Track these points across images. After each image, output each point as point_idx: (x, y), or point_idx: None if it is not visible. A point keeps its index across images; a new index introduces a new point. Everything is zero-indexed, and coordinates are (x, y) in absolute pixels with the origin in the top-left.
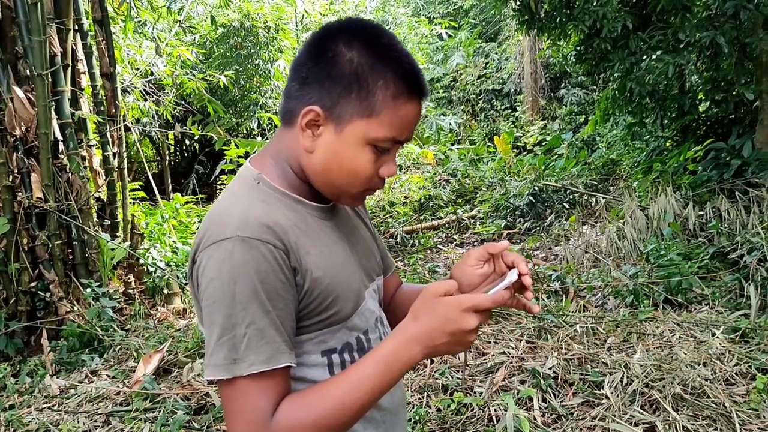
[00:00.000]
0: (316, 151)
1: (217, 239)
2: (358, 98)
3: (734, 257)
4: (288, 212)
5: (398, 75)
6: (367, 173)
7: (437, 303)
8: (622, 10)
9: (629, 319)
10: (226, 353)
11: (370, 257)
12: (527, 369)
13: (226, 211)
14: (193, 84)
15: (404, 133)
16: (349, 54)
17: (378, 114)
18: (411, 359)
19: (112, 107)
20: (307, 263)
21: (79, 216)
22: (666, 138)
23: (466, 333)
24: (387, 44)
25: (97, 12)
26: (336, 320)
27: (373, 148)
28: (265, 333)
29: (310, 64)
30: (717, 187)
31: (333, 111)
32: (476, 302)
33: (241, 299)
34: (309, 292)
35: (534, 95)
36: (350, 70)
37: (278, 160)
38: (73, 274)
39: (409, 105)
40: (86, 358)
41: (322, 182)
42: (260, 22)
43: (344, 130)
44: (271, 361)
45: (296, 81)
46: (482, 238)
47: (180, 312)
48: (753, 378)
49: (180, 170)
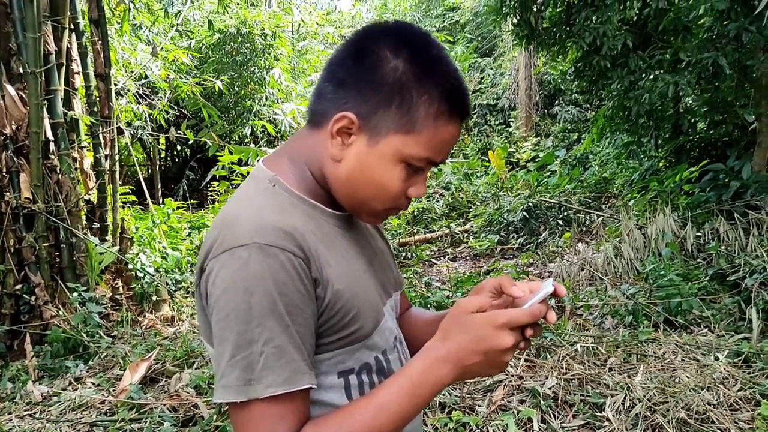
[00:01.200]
0: (343, 160)
1: (231, 246)
2: (399, 111)
3: (734, 279)
4: (304, 218)
5: (444, 92)
6: (395, 191)
7: (468, 320)
8: (622, 28)
9: (629, 340)
10: (239, 373)
11: (387, 271)
12: (526, 388)
13: (240, 215)
14: (188, 88)
15: (441, 154)
16: (394, 61)
17: (418, 131)
18: (440, 381)
19: (106, 109)
20: (328, 274)
21: (68, 218)
22: (659, 158)
23: (501, 352)
24: (436, 56)
25: (94, 11)
26: (356, 338)
27: (405, 166)
28: (284, 351)
29: (349, 65)
30: (716, 208)
31: (369, 121)
32: (511, 318)
33: (258, 313)
34: (329, 307)
35: (528, 111)
36: (394, 79)
37: (296, 162)
38: (59, 277)
39: (450, 126)
40: (70, 364)
41: (345, 195)
42: (257, 29)
43: (378, 143)
44: (291, 382)
45: (331, 81)
46: (475, 253)
47: (168, 319)
48: (758, 404)
49: (170, 175)
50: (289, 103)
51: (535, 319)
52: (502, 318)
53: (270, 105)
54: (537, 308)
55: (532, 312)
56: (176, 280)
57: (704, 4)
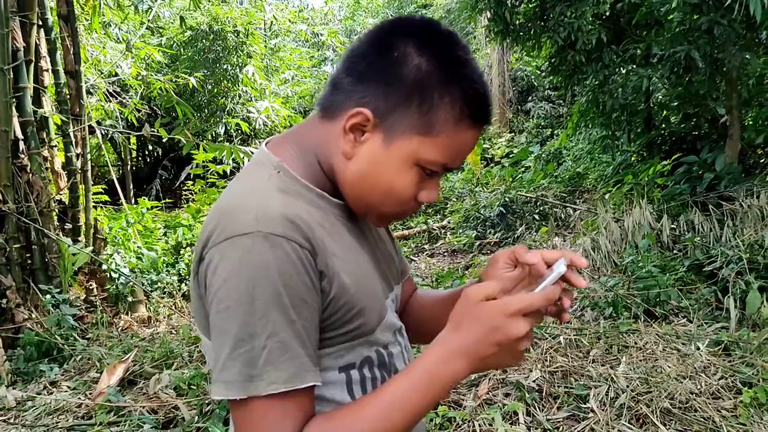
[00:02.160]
0: (355, 158)
1: (233, 234)
2: (419, 112)
3: (710, 270)
4: (310, 208)
5: (468, 97)
6: (406, 195)
7: (479, 309)
8: (596, 23)
9: (610, 331)
10: (240, 368)
11: (390, 263)
12: (511, 382)
13: (243, 201)
14: (161, 85)
15: (457, 161)
16: (418, 59)
17: (436, 135)
18: (455, 376)
19: (76, 106)
20: (334, 267)
21: (40, 219)
22: (632, 152)
23: (517, 341)
24: (462, 59)
25: (63, 7)
26: (359, 334)
27: (420, 169)
28: (288, 346)
29: (371, 59)
30: (690, 200)
31: (386, 119)
32: (524, 304)
33: (261, 305)
34: (334, 301)
35: (502, 108)
36: (416, 78)
37: (304, 149)
38: (31, 279)
39: (470, 132)
40: (45, 368)
41: (353, 194)
42: (229, 26)
43: (393, 144)
44: (295, 379)
45: (350, 74)
46: (453, 249)
47: (145, 320)
48: (739, 392)
49: (142, 175)
50: (262, 101)
51: (549, 302)
52: (514, 305)
53: (244, 103)
54: (550, 290)
55: (545, 295)
56: (152, 281)
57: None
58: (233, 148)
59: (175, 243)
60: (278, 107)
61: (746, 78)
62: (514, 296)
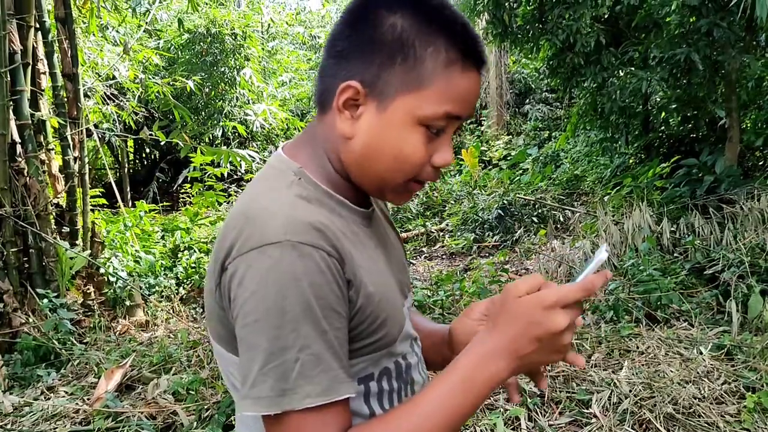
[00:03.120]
0: (355, 136)
1: (260, 243)
2: (404, 69)
3: (711, 273)
4: (332, 216)
5: (452, 40)
6: (416, 159)
7: (516, 305)
8: (595, 25)
9: (612, 335)
10: (273, 383)
11: (403, 270)
12: None
13: (268, 208)
14: (158, 88)
15: (462, 107)
16: (391, 18)
17: (428, 86)
18: (495, 377)
19: (74, 109)
20: (360, 275)
21: (37, 222)
22: (629, 155)
23: (557, 336)
24: (436, 5)
25: (60, 9)
26: (382, 345)
27: (424, 129)
28: (321, 358)
29: (346, 34)
30: (690, 203)
31: (375, 86)
32: (561, 296)
33: (292, 318)
34: (361, 310)
35: (499, 110)
36: (393, 37)
37: (316, 151)
38: (28, 283)
39: (465, 75)
40: (42, 373)
41: (363, 174)
42: (227, 29)
43: (388, 108)
44: (330, 392)
45: (331, 56)
46: (451, 251)
47: (143, 324)
48: (742, 397)
49: (139, 178)
50: (260, 104)
51: (589, 293)
52: (551, 297)
53: (241, 106)
54: (590, 281)
55: (584, 286)
56: (150, 284)
57: (676, 0)
58: (231, 152)
59: (173, 246)
60: (276, 110)
61: (745, 81)
62: (551, 289)
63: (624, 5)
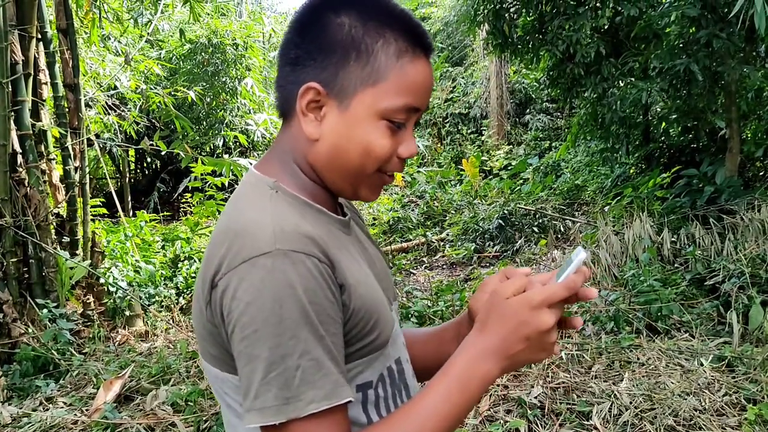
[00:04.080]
0: (322, 137)
1: (251, 255)
2: (359, 64)
3: (711, 284)
4: (316, 223)
5: (398, 30)
6: (383, 152)
7: (504, 306)
8: (595, 36)
9: (612, 347)
10: (276, 392)
11: (387, 277)
12: (513, 398)
13: (254, 221)
14: (160, 99)
15: (418, 98)
16: (338, 19)
17: (385, 79)
18: (487, 376)
19: (75, 119)
20: (350, 279)
21: (37, 232)
22: (630, 165)
23: (544, 334)
24: (378, 1)
25: (62, 20)
26: (376, 346)
27: (387, 122)
28: (321, 363)
29: (297, 41)
30: (690, 213)
31: (333, 85)
32: (547, 295)
33: (290, 325)
34: (355, 313)
35: (500, 120)
36: (343, 35)
37: (286, 162)
38: (28, 293)
39: (417, 63)
40: (41, 383)
41: (333, 173)
42: (228, 39)
43: (350, 105)
44: (333, 396)
45: (287, 64)
46: (452, 261)
47: (142, 335)
48: (743, 408)
49: (140, 188)
50: (261, 114)
51: (572, 291)
52: (538, 297)
53: (242, 115)
54: (572, 280)
55: (567, 285)
56: (150, 294)
57: (675, 11)
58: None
59: (173, 256)
60: (277, 119)
61: (745, 91)
62: (536, 289)
63: (624, 16)
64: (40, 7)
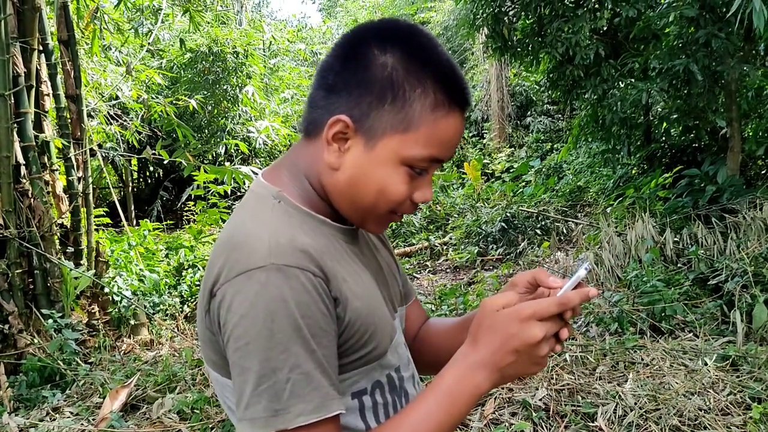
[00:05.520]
0: (341, 168)
1: (247, 268)
2: (393, 109)
3: (715, 283)
4: (315, 235)
5: (439, 81)
6: (399, 196)
7: (494, 319)
8: (594, 38)
9: (616, 347)
10: (266, 404)
11: (393, 284)
12: (517, 401)
13: (251, 234)
14: (161, 108)
15: (445, 151)
16: (382, 57)
17: (416, 129)
18: (477, 389)
19: (78, 130)
20: (346, 292)
21: (41, 243)
22: (632, 165)
23: (533, 347)
24: (426, 46)
25: (63, 32)
26: (373, 357)
27: (408, 168)
28: (311, 377)
29: (337, 69)
30: (693, 213)
31: (363, 123)
32: (537, 309)
33: (282, 339)
34: (350, 325)
35: (501, 123)
36: (383, 76)
37: (296, 174)
38: (33, 304)
39: (450, 118)
40: (47, 394)
41: (346, 204)
42: (229, 47)
43: (376, 146)
44: (321, 409)
45: (322, 88)
46: (456, 265)
47: (147, 343)
48: (748, 407)
49: (143, 197)
50: (262, 121)
51: (565, 308)
52: (527, 310)
53: (244, 123)
54: (566, 297)
55: (560, 301)
56: (154, 303)
57: (673, 11)
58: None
59: (177, 264)
60: (278, 126)
61: (745, 90)
62: (527, 302)
63: (622, 17)
64: (41, 19)
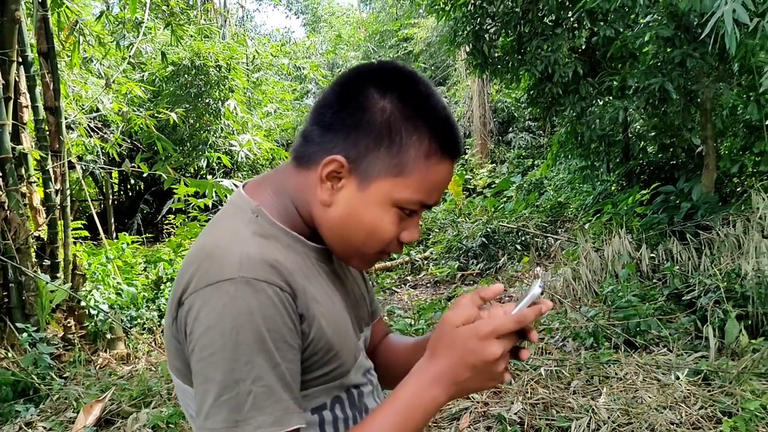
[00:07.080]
0: (333, 205)
1: (216, 280)
2: (389, 153)
3: (689, 299)
4: (287, 252)
5: (434, 130)
6: (388, 236)
7: (454, 334)
8: (572, 56)
9: (591, 362)
10: (226, 415)
11: (361, 305)
12: (492, 415)
13: (223, 246)
14: (142, 120)
15: (433, 197)
16: (381, 102)
17: (409, 173)
18: (434, 402)
19: (56, 142)
20: (314, 310)
21: (17, 256)
22: (611, 182)
23: (491, 363)
24: (425, 94)
25: (43, 44)
26: (335, 375)
27: (398, 210)
28: (273, 390)
29: (336, 108)
30: (668, 229)
31: (359, 164)
32: (495, 326)
33: (246, 351)
34: (313, 343)
35: (483, 139)
36: (382, 120)
37: (281, 194)
38: (8, 317)
39: (441, 166)
40: (21, 408)
41: (335, 240)
42: (211, 61)
43: (369, 187)
44: (281, 422)
45: (318, 125)
46: (436, 280)
47: (124, 357)
48: (719, 422)
49: (123, 210)
50: (244, 135)
51: (522, 325)
52: (486, 327)
53: (226, 136)
54: (523, 314)
55: (517, 318)
56: (131, 317)
57: (650, 31)
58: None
59: (156, 278)
60: (260, 140)
61: (720, 109)
62: (485, 319)
63: (600, 37)
64: (20, 31)
